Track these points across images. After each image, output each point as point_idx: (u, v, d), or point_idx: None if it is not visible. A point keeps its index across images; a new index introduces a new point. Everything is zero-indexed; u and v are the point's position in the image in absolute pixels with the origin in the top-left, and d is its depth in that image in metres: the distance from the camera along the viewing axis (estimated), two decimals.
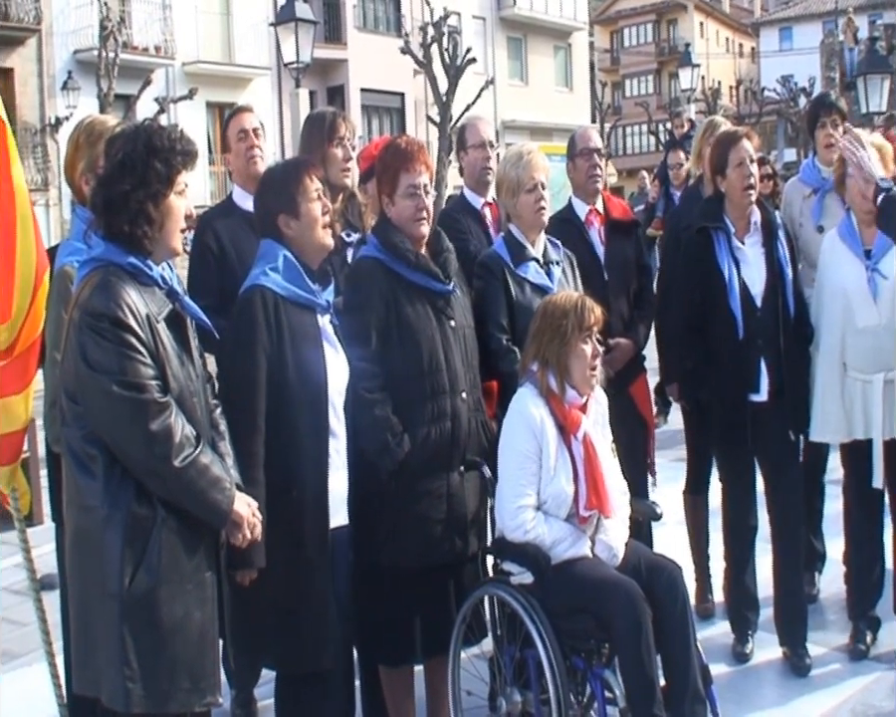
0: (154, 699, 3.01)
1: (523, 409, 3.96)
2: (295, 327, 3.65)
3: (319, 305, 3.76)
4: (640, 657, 3.64)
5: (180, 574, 3.07)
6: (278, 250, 3.71)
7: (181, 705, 3.08)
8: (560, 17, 43.94)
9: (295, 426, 3.62)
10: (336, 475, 3.75)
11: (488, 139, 5.19)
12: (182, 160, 3.16)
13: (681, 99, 28.87)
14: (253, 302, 3.62)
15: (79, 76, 27.15)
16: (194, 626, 3.10)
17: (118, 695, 2.98)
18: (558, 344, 3.95)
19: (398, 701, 4.20)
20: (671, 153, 9.80)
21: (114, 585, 2.97)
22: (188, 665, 3.08)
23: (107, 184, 3.11)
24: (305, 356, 3.65)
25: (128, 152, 3.09)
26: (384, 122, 35.90)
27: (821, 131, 5.60)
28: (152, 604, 3.00)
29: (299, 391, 3.62)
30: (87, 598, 3.06)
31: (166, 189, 3.12)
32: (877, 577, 5.03)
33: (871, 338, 4.76)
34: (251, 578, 3.51)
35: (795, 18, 60.29)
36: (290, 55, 17.33)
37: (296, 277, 3.69)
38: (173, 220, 3.17)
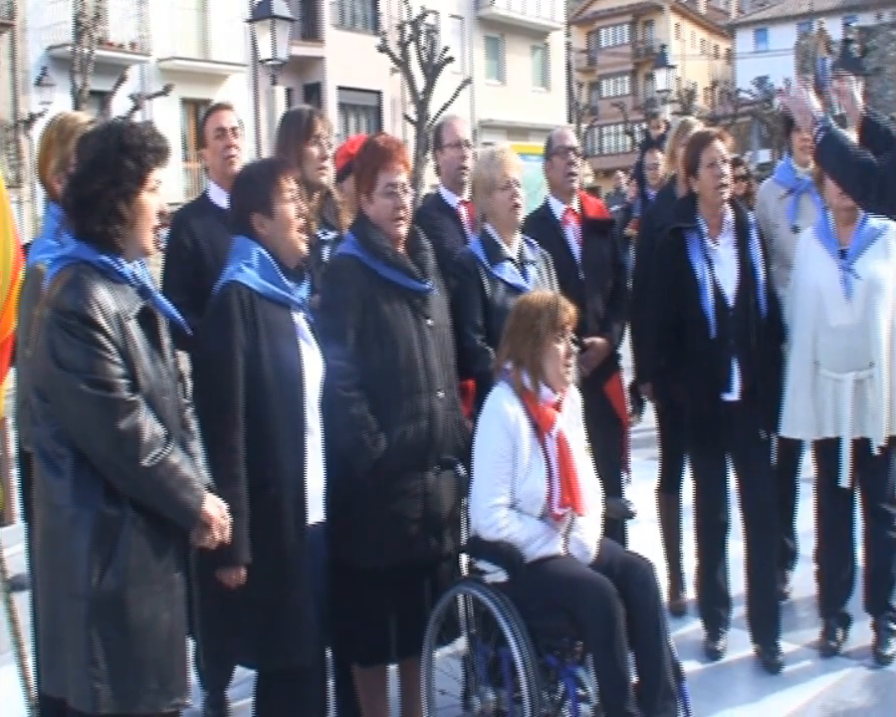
0: (122, 700, 2.99)
1: (498, 408, 3.97)
2: (270, 323, 3.65)
3: (293, 302, 3.76)
4: (613, 654, 3.66)
5: (149, 574, 3.05)
6: (252, 247, 3.70)
7: (149, 706, 3.06)
8: (538, 17, 43.97)
9: (272, 423, 3.62)
10: (313, 472, 3.75)
11: (464, 138, 5.20)
12: (154, 158, 3.14)
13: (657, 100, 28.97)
14: (229, 298, 3.61)
15: (53, 72, 26.93)
16: (163, 627, 3.08)
17: (86, 696, 2.96)
18: (531, 343, 3.97)
19: (372, 701, 4.20)
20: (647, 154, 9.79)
21: (82, 585, 2.95)
22: (156, 666, 3.06)
23: (78, 183, 3.09)
24: (281, 352, 3.65)
25: (100, 151, 3.08)
26: (361, 121, 35.84)
27: (797, 134, 5.63)
28: (121, 605, 2.98)
29: (275, 388, 3.62)
30: (54, 598, 3.04)
31: (138, 187, 3.11)
32: (848, 574, 5.07)
33: (843, 337, 4.81)
34: (238, 576, 3.50)
35: (771, 20, 60.55)
36: (266, 52, 17.26)
37: (271, 274, 3.69)
38: (145, 218, 3.15)
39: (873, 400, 4.79)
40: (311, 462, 3.73)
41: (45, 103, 25.79)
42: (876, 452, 4.81)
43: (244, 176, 3.91)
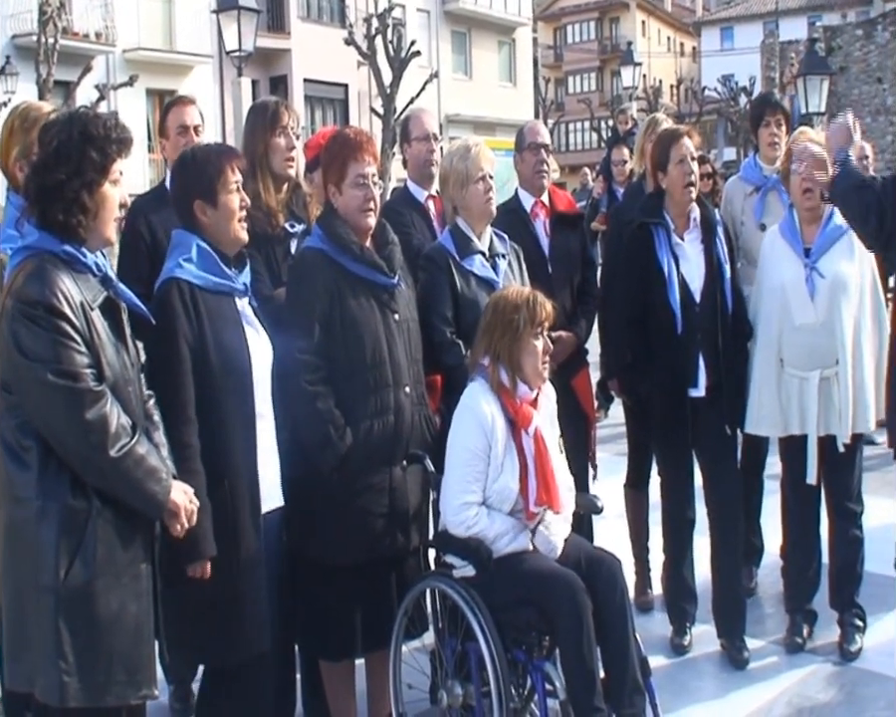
0: (90, 692, 2.97)
1: (474, 406, 3.95)
2: (214, 314, 3.60)
3: (236, 289, 3.71)
4: (580, 650, 3.66)
5: (116, 566, 3.03)
6: (191, 240, 3.66)
7: (117, 698, 3.04)
8: (505, 12, 44.05)
9: (222, 414, 3.58)
10: (265, 459, 3.72)
11: (432, 132, 5.17)
12: (118, 149, 3.11)
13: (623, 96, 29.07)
14: (170, 295, 3.56)
15: (17, 61, 26.65)
16: (130, 619, 3.06)
17: (53, 689, 2.93)
18: (509, 339, 3.95)
19: (339, 695, 4.18)
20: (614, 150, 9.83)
21: (49, 577, 2.93)
22: (124, 658, 3.04)
23: (41, 173, 3.05)
24: (226, 342, 3.61)
25: (63, 141, 3.04)
26: (328, 114, 35.72)
27: (765, 130, 5.66)
28: (88, 597, 2.96)
29: (223, 378, 3.58)
30: (20, 592, 3.00)
31: (101, 178, 3.08)
32: (814, 571, 5.10)
33: (808, 335, 4.83)
34: (203, 569, 3.46)
35: (737, 18, 60.95)
36: (232, 43, 17.17)
37: (210, 265, 3.64)
38: (108, 209, 3.12)
39: (838, 398, 4.82)
40: (263, 448, 3.70)
41: (9, 92, 25.52)
42: (842, 449, 4.84)
43: (189, 161, 3.80)
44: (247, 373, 3.63)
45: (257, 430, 3.66)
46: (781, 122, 5.65)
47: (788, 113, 5.77)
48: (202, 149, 3.88)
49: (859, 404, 4.84)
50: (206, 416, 3.54)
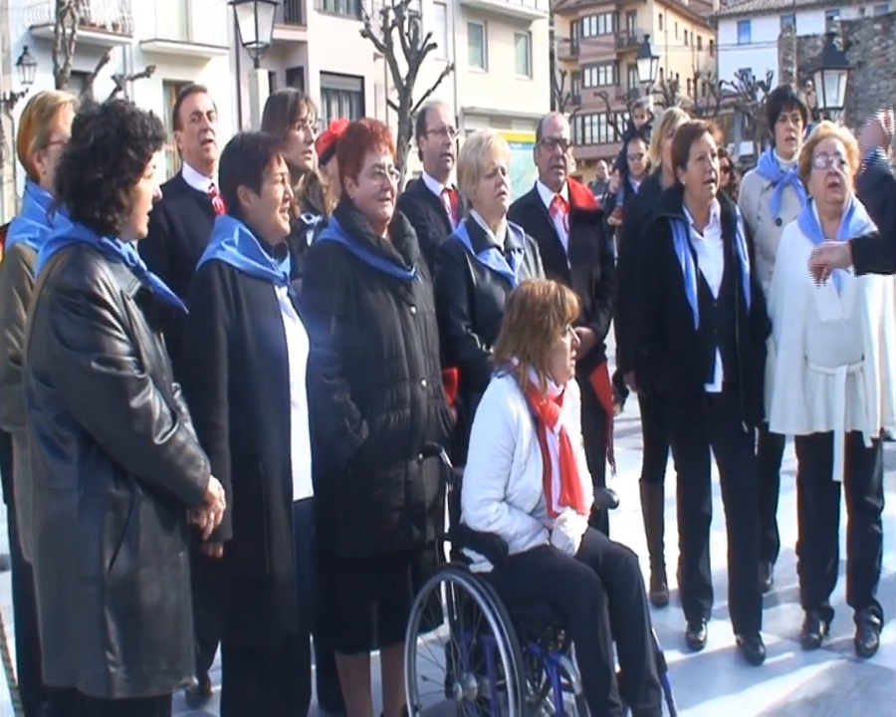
0: (136, 683, 2.97)
1: (501, 403, 3.92)
2: (253, 299, 3.63)
3: (276, 277, 3.74)
4: (596, 644, 3.65)
5: (158, 554, 3.03)
6: (233, 224, 3.70)
7: (161, 687, 3.05)
8: (521, 5, 43.94)
9: (257, 398, 3.60)
10: (298, 446, 3.74)
11: (448, 125, 5.16)
12: (154, 146, 3.12)
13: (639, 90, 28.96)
14: (210, 275, 3.59)
15: (35, 52, 26.72)
16: (171, 607, 3.07)
17: (100, 680, 2.93)
18: (540, 340, 3.91)
19: (354, 687, 4.19)
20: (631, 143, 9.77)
21: (94, 568, 2.91)
22: (166, 647, 3.05)
23: (77, 168, 3.03)
24: (264, 327, 3.63)
25: (101, 138, 3.02)
26: (344, 106, 35.69)
27: (782, 125, 5.61)
28: (133, 586, 2.96)
29: (259, 363, 3.60)
30: (60, 586, 2.98)
31: (137, 176, 3.08)
32: (831, 567, 5.08)
33: (834, 331, 4.79)
34: (216, 551, 3.47)
35: (754, 12, 60.66)
36: (249, 34, 17.17)
37: (252, 250, 3.67)
38: (142, 204, 3.13)
39: (865, 394, 4.79)
40: (296, 437, 3.72)
41: (27, 82, 25.63)
42: (868, 444, 4.81)
43: (237, 146, 3.84)
44: (283, 360, 3.65)
45: (291, 417, 3.68)
46: (797, 117, 5.61)
47: (806, 107, 5.72)
48: (251, 136, 3.92)
49: (886, 398, 4.81)
50: (241, 399, 3.56)
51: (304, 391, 3.78)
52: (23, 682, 3.98)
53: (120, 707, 2.98)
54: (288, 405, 3.67)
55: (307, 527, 3.82)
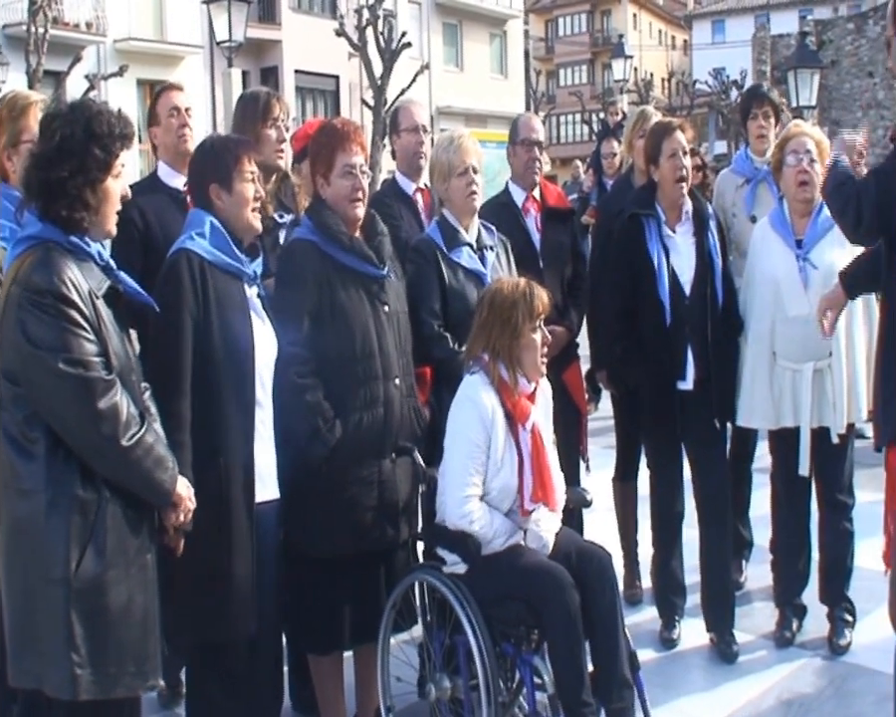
0: (102, 685, 2.96)
1: (474, 397, 3.91)
2: (221, 293, 3.62)
3: (246, 273, 3.73)
4: (569, 644, 3.65)
5: (125, 556, 3.02)
6: (204, 217, 3.70)
7: (128, 689, 3.04)
8: (496, 4, 44.00)
9: (220, 392, 3.59)
10: (263, 447, 3.72)
11: (421, 123, 5.15)
12: (121, 144, 3.11)
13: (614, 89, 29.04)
14: (179, 265, 3.59)
15: (7, 51, 26.50)
16: (138, 609, 3.05)
17: (65, 683, 2.91)
18: (509, 336, 3.90)
19: (327, 688, 4.17)
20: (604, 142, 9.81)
21: (60, 570, 2.90)
22: (133, 649, 3.04)
23: (43, 167, 3.02)
24: (231, 323, 3.62)
25: (66, 137, 3.01)
26: (318, 105, 35.62)
27: (753, 123, 5.66)
28: (100, 588, 2.95)
29: (225, 359, 3.60)
30: (26, 587, 2.96)
31: (104, 174, 3.07)
32: (803, 565, 5.09)
33: (801, 327, 4.80)
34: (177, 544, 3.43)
35: (728, 11, 60.95)
36: (222, 33, 17.12)
37: (223, 243, 3.67)
38: (110, 203, 3.12)
39: (832, 390, 4.81)
40: (260, 437, 3.71)
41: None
42: (836, 440, 4.83)
43: (207, 146, 3.86)
44: (248, 357, 3.64)
45: (255, 417, 3.67)
46: (769, 114, 5.65)
47: (778, 105, 5.75)
48: (221, 138, 3.97)
49: (853, 395, 4.83)
50: (203, 392, 3.56)
51: (269, 393, 3.76)
52: None
53: (88, 709, 2.96)
54: (252, 403, 3.66)
55: (272, 529, 3.80)
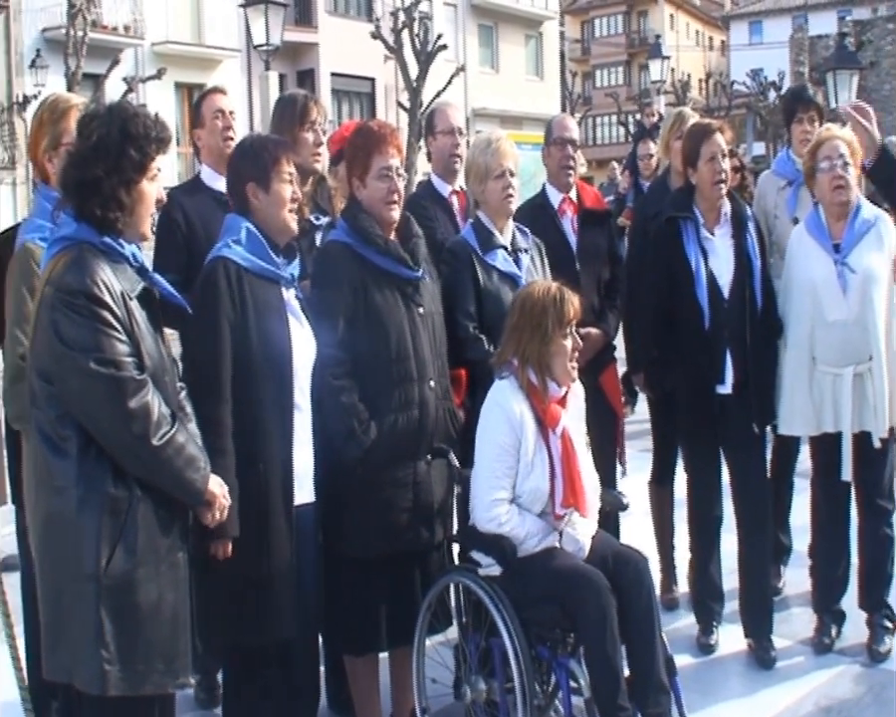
0: (130, 681, 2.98)
1: (503, 402, 3.91)
2: (258, 299, 3.64)
3: (283, 277, 3.74)
4: (605, 648, 3.63)
5: (156, 554, 3.04)
6: (240, 223, 3.71)
7: (156, 687, 3.06)
8: (532, 6, 43.97)
9: (259, 399, 3.61)
10: (301, 450, 3.74)
11: (457, 126, 5.14)
12: (157, 147, 3.13)
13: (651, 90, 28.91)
14: (216, 273, 3.61)
15: (47, 54, 26.86)
16: (168, 607, 3.07)
17: (95, 678, 2.94)
18: (538, 341, 3.90)
19: (363, 689, 4.17)
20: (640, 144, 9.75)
21: (90, 566, 2.93)
22: (162, 646, 3.06)
23: (79, 166, 3.06)
24: (269, 328, 3.64)
25: (103, 137, 3.05)
26: (354, 107, 35.73)
27: (798, 126, 5.58)
28: (129, 586, 2.97)
29: (263, 364, 3.61)
30: (60, 582, 3.00)
31: (139, 176, 3.09)
32: (843, 571, 5.04)
33: (840, 331, 4.76)
34: (225, 548, 3.48)
35: (766, 12, 60.53)
36: (259, 37, 17.22)
37: (259, 249, 3.68)
38: (145, 206, 3.14)
39: (873, 394, 4.76)
40: (299, 440, 3.72)
41: (39, 85, 25.77)
42: (877, 445, 4.78)
43: (246, 146, 3.89)
44: (286, 362, 3.66)
45: (294, 420, 3.68)
46: (814, 119, 5.56)
47: (822, 108, 5.69)
48: (260, 137, 3.99)
49: (894, 399, 4.78)
50: (242, 399, 3.57)
51: (308, 396, 3.77)
52: (33, 682, 3.98)
53: (117, 705, 2.99)
54: (290, 408, 3.67)
55: (310, 531, 3.81)
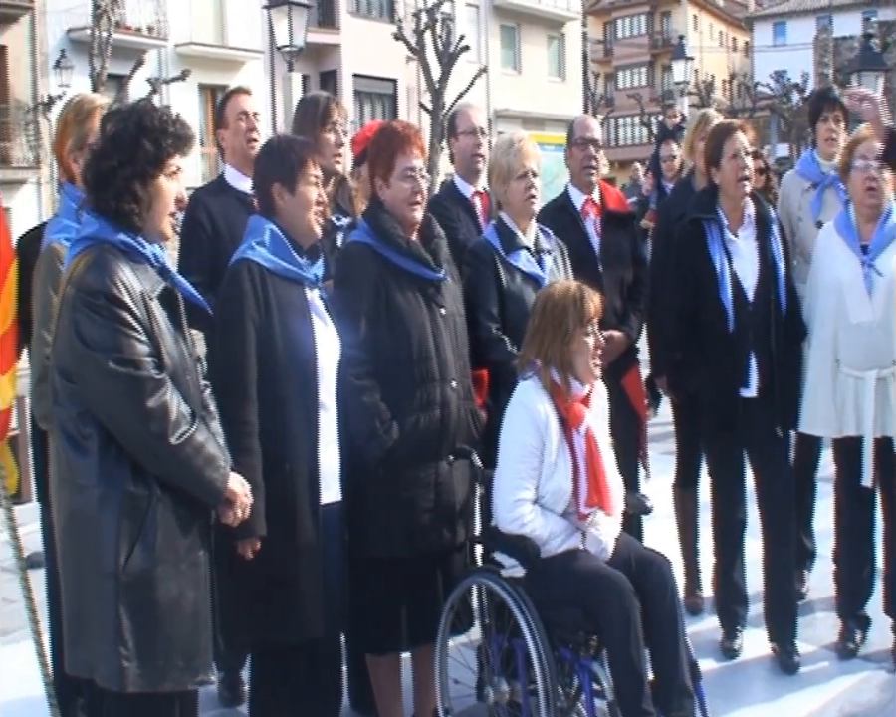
0: (150, 678, 3.00)
1: (527, 403, 3.91)
2: (282, 299, 3.65)
3: (306, 278, 3.75)
4: (629, 651, 3.62)
5: (175, 552, 3.05)
6: (265, 225, 3.72)
7: (175, 683, 3.07)
8: (554, 7, 43.90)
9: (284, 399, 3.62)
10: (327, 449, 3.74)
11: (479, 127, 5.13)
12: (174, 143, 3.14)
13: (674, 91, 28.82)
14: (240, 275, 3.62)
15: (72, 54, 27.05)
16: (188, 605, 3.09)
17: (114, 675, 2.96)
18: (560, 342, 3.90)
19: (385, 689, 4.18)
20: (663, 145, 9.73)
21: (110, 564, 2.95)
22: (182, 644, 3.07)
23: (97, 160, 3.10)
24: (293, 328, 3.65)
25: (120, 131, 3.08)
26: (377, 108, 35.79)
27: (823, 126, 5.56)
28: (149, 583, 2.99)
29: (287, 364, 3.62)
30: (81, 579, 3.03)
31: (155, 170, 3.10)
32: (867, 575, 5.01)
33: (865, 334, 4.73)
34: (253, 547, 3.50)
35: (789, 13, 60.27)
36: (283, 38, 17.26)
37: (282, 250, 3.69)
38: (163, 202, 3.14)
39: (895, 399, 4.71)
40: (324, 439, 3.73)
41: (63, 85, 25.93)
42: None
43: (273, 146, 3.89)
44: (310, 362, 3.67)
45: (319, 420, 3.69)
46: (839, 119, 5.54)
47: (847, 109, 5.66)
48: (287, 139, 3.99)
49: None
50: (267, 399, 3.58)
51: (333, 395, 3.78)
52: (57, 677, 4.00)
53: (137, 702, 3.01)
54: (315, 407, 3.68)
55: (336, 530, 3.82)
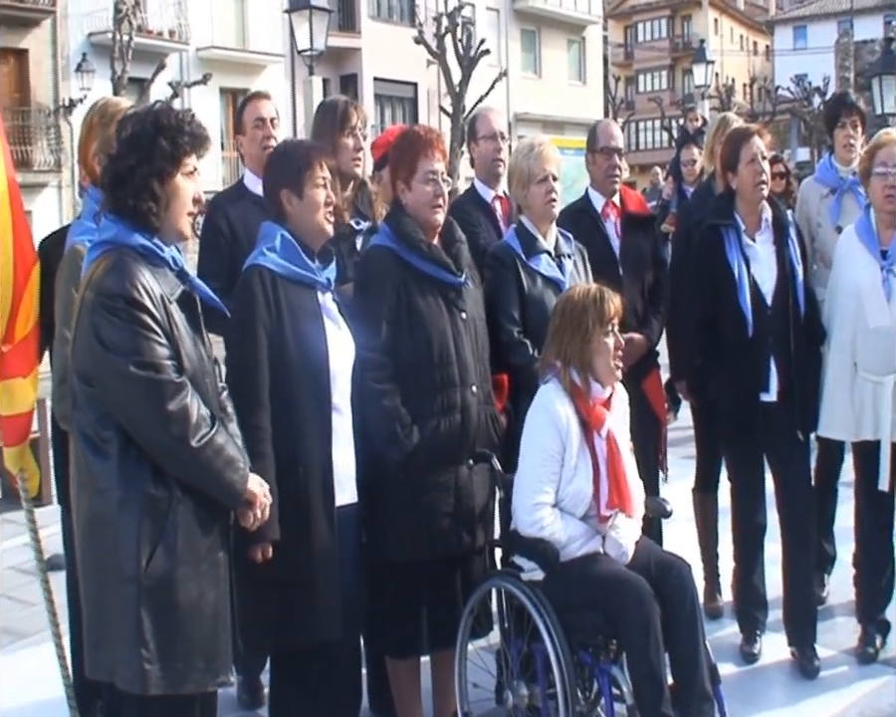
0: (171, 680, 3.00)
1: (549, 406, 3.91)
2: (294, 304, 3.66)
3: (318, 282, 3.76)
4: (648, 655, 3.61)
5: (196, 554, 3.06)
6: (276, 230, 3.74)
7: (196, 685, 3.08)
8: (575, 10, 43.88)
9: (297, 403, 3.63)
10: (341, 451, 3.75)
11: (499, 130, 5.13)
12: (190, 142, 3.15)
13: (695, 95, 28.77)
14: (251, 281, 3.64)
15: (93, 58, 27.17)
16: (208, 607, 3.10)
17: (136, 678, 2.97)
18: (579, 341, 3.91)
19: (404, 692, 4.19)
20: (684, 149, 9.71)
21: (131, 567, 2.96)
22: (203, 645, 3.08)
23: (115, 160, 3.12)
24: (305, 332, 3.66)
25: (137, 131, 3.11)
26: (397, 112, 35.83)
27: (841, 131, 5.55)
28: (169, 586, 3.00)
29: (300, 368, 3.63)
30: (102, 582, 3.04)
31: (172, 168, 3.12)
32: (887, 580, 4.99)
33: (883, 339, 4.72)
34: (265, 552, 3.51)
35: (810, 17, 60.08)
36: (303, 42, 17.29)
37: (293, 255, 3.71)
38: (180, 201, 3.16)
39: None
40: (338, 442, 3.73)
41: (85, 89, 26.07)
42: None
43: (280, 152, 3.92)
44: (323, 366, 3.67)
45: (332, 423, 3.70)
46: (857, 124, 5.54)
47: (865, 114, 5.65)
48: (293, 143, 4.03)
49: None
50: (280, 403, 3.59)
51: (348, 397, 3.79)
52: (77, 680, 4.02)
53: (158, 704, 3.02)
54: (328, 411, 3.69)
55: (352, 532, 3.83)
